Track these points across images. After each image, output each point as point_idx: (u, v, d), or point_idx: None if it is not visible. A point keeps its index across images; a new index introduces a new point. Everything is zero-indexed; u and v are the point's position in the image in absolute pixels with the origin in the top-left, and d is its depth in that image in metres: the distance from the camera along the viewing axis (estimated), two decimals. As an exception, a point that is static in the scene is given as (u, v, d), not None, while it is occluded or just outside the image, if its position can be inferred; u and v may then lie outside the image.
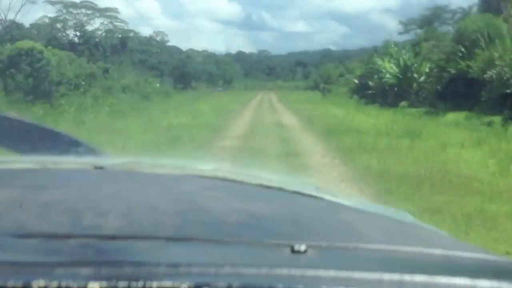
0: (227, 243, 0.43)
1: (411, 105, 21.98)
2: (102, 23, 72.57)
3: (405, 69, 22.25)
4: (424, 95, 22.12)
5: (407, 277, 0.37)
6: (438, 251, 0.46)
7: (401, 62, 22.72)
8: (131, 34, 72.49)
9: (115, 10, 72.13)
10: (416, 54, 23.34)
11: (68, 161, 0.72)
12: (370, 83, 25.46)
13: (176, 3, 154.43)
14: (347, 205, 0.61)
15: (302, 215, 0.54)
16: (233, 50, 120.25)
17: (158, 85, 38.63)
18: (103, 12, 75.02)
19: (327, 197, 0.61)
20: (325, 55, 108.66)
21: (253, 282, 0.35)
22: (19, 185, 0.55)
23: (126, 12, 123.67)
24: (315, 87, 60.63)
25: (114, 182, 0.60)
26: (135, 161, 0.68)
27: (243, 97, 42.24)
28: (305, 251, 0.41)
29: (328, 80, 51.29)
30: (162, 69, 67.34)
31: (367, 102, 26.46)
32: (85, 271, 0.34)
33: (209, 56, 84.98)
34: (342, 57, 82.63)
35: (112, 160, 0.80)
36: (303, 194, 0.60)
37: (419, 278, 0.37)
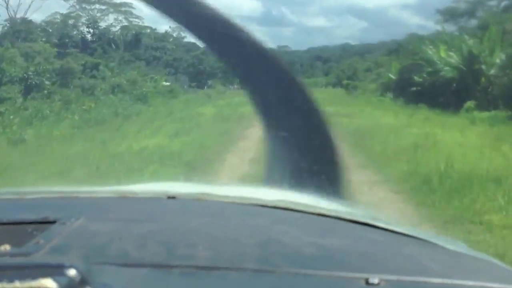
0: (306, 275, 0.44)
1: (479, 107, 14.98)
2: (116, 19, 67.25)
3: (471, 59, 15.40)
4: (494, 92, 15.13)
5: None
6: (496, 285, 0.47)
7: (464, 50, 15.87)
8: (148, 31, 66.77)
9: (130, 5, 66.20)
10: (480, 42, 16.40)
11: (141, 190, 0.74)
12: (416, 78, 18.62)
13: None
14: (406, 235, 0.59)
15: (368, 247, 0.55)
16: None
17: (166, 83, 32.55)
18: (118, 7, 69.62)
19: (383, 225, 0.60)
20: (345, 49, 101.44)
21: None
22: (112, 217, 0.58)
23: (144, 9, 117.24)
24: (337, 83, 53.83)
25: (191, 212, 0.63)
26: (202, 191, 0.69)
27: None
28: (378, 284, 0.43)
29: (354, 76, 44.21)
30: (177, 67, 61.51)
31: (407, 102, 19.56)
32: None
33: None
34: (362, 51, 76.31)
35: (180, 188, 0.80)
36: (360, 223, 0.60)
37: None
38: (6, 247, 0.43)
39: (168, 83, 33.77)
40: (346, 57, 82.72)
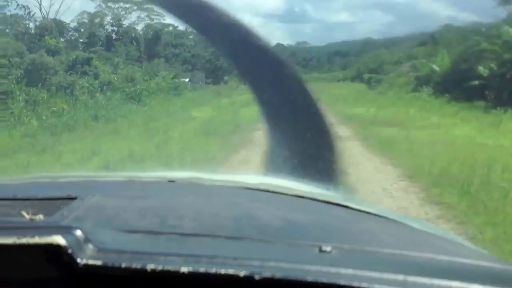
0: (271, 242, 0.51)
1: None
2: (138, 17, 63.80)
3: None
4: None
5: (410, 279, 0.42)
6: (444, 257, 0.51)
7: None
8: (170, 28, 63.11)
9: (151, 2, 62.30)
10: None
11: (147, 175, 0.83)
12: (482, 69, 13.42)
13: None
14: (370, 213, 0.65)
15: (329, 222, 0.61)
16: (272, 44, 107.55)
17: (174, 79, 28.06)
18: (140, 5, 65.90)
19: (353, 205, 0.65)
20: (367, 44, 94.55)
21: (289, 274, 0.42)
22: (121, 195, 0.68)
23: None
24: (356, 77, 48.09)
25: (185, 193, 0.71)
26: (197, 175, 0.78)
27: None
28: (330, 252, 0.48)
29: (379, 69, 38.40)
30: (195, 63, 57.34)
31: (457, 98, 14.46)
32: (177, 259, 0.44)
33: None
34: (386, 46, 69.19)
35: (179, 174, 0.88)
36: (332, 203, 0.66)
37: (420, 280, 0.42)
38: (40, 217, 0.53)
39: (177, 80, 29.32)
40: (368, 51, 76.81)
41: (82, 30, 58.29)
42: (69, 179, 0.83)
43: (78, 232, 0.46)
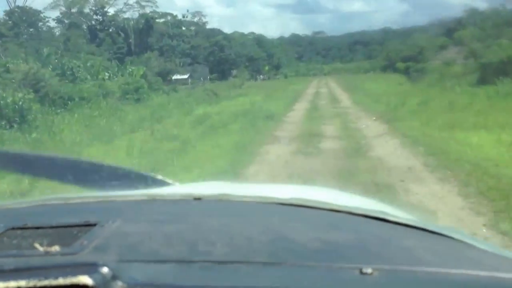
0: (309, 267, 0.49)
1: None
2: (126, 4, 56.52)
3: None
4: None
5: None
6: (485, 273, 0.50)
7: None
8: (168, 18, 55.55)
9: (142, -15, 55.36)
10: None
11: (170, 194, 0.79)
12: None
13: None
14: (409, 226, 0.63)
15: (368, 239, 0.59)
16: (287, 34, 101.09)
17: (144, 78, 20.67)
18: (129, -11, 58.82)
19: (391, 218, 0.64)
20: (387, 33, 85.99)
21: None
22: (144, 219, 0.63)
23: (179, 2, 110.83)
24: (388, 66, 39.53)
25: (214, 213, 0.67)
26: (226, 191, 0.74)
27: (285, 92, 23.70)
28: (371, 273, 0.46)
29: (419, 56, 29.87)
30: (195, 56, 49.80)
31: None
32: None
33: (254, 39, 65.83)
34: (405, 35, 62.00)
35: (205, 190, 0.86)
36: (369, 217, 0.64)
37: None
38: (56, 248, 0.49)
39: (145, 79, 21.78)
40: (389, 40, 69.67)
41: (55, 20, 51.05)
42: (84, 200, 0.75)
43: (105, 270, 0.43)
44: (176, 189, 0.92)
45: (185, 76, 45.45)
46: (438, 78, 21.25)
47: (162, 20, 55.10)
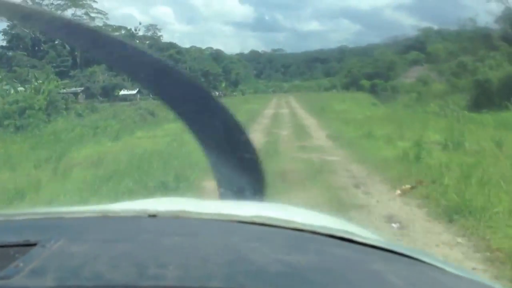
0: None
1: None
2: (74, 14, 51.72)
3: None
4: None
5: None
6: None
7: None
8: (122, 31, 50.88)
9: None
10: None
11: (123, 210, 0.75)
12: None
13: (189, 8, 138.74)
14: (377, 248, 0.60)
15: (333, 262, 0.56)
16: (247, 51, 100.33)
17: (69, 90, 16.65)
18: (77, 1, 54.21)
19: (358, 239, 0.61)
20: (344, 51, 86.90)
21: None
22: (92, 238, 0.57)
23: (141, 18, 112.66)
24: (351, 84, 37.33)
25: (168, 231, 0.62)
26: (184, 208, 0.70)
27: (237, 114, 19.58)
28: None
29: (388, 73, 27.51)
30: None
31: None
32: None
33: (212, 54, 62.48)
34: (363, 53, 64.06)
35: (162, 206, 0.80)
36: (334, 237, 0.62)
37: None
38: None
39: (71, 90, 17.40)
40: (347, 58, 70.20)
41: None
42: (28, 217, 0.68)
43: None
44: (131, 205, 0.85)
45: (134, 92, 41.37)
46: (416, 97, 18.56)
47: (116, 33, 50.61)
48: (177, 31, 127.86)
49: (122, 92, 40.66)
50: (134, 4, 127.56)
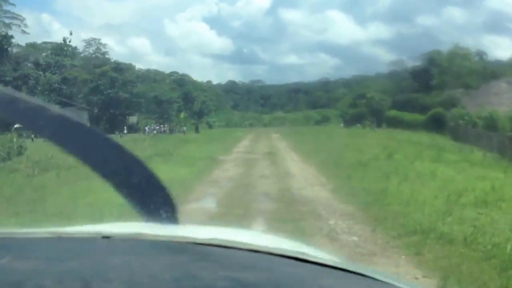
0: None
1: None
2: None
3: None
4: None
5: None
6: None
7: None
8: (49, 45, 37.14)
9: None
10: None
11: (78, 231, 0.74)
12: None
13: (167, 40, 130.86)
14: (329, 267, 0.60)
15: (283, 279, 0.55)
16: (226, 80, 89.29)
17: None
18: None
19: (311, 258, 0.61)
20: (327, 83, 77.25)
21: None
22: (39, 256, 0.56)
23: (118, 49, 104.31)
24: (362, 117, 24.58)
25: (119, 251, 0.61)
26: (140, 231, 0.67)
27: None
28: None
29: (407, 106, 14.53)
30: (71, 94, 31.93)
31: None
32: None
33: (176, 80, 49.52)
34: (346, 85, 58.61)
35: (119, 229, 0.78)
36: (287, 257, 0.61)
37: None
38: None
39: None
40: (329, 90, 61.40)
41: None
42: None
43: None
44: (88, 227, 0.83)
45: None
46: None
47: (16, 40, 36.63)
48: (154, 62, 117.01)
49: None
50: (111, 35, 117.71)
